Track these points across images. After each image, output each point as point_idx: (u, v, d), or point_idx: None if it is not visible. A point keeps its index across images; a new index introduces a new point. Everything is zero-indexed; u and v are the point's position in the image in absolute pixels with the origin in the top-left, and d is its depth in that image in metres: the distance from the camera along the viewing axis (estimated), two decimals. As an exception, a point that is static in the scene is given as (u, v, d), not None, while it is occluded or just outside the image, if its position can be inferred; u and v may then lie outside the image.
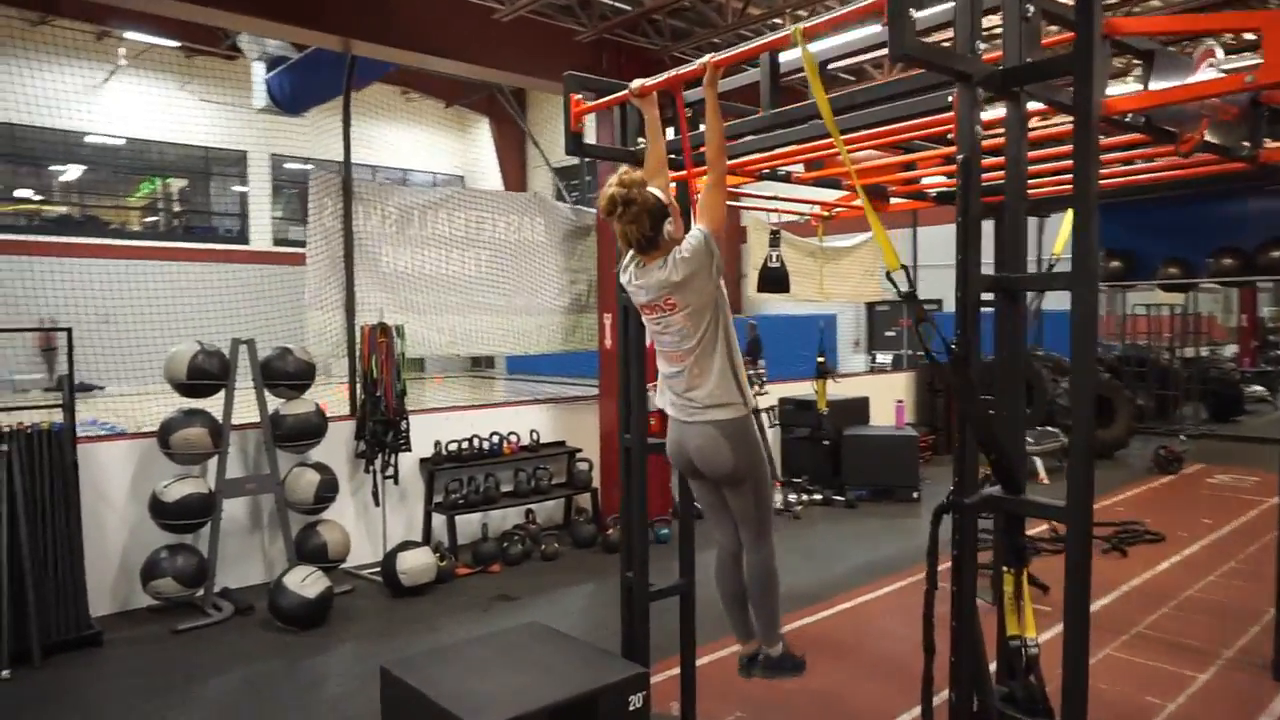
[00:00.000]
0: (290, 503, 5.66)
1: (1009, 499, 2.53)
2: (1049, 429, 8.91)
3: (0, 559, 4.50)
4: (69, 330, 5.06)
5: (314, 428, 5.72)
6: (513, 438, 6.93)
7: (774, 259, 5.18)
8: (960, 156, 2.48)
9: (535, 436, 7.12)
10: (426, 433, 6.55)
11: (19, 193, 21.11)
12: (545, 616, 5.01)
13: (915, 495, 8.03)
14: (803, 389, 8.80)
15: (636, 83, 3.11)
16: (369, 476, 6.13)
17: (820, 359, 7.58)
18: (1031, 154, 4.25)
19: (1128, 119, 3.09)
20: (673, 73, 3.00)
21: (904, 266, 2.46)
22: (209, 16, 6.33)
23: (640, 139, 3.42)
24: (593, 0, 6.42)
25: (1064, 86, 2.63)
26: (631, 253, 2.96)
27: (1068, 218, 5.35)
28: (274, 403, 5.71)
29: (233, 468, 5.57)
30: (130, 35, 18.21)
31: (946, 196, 4.70)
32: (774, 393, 8.70)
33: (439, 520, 6.50)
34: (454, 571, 5.97)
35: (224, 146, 21.88)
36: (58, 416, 4.91)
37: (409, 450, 6.22)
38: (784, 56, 3.31)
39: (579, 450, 7.34)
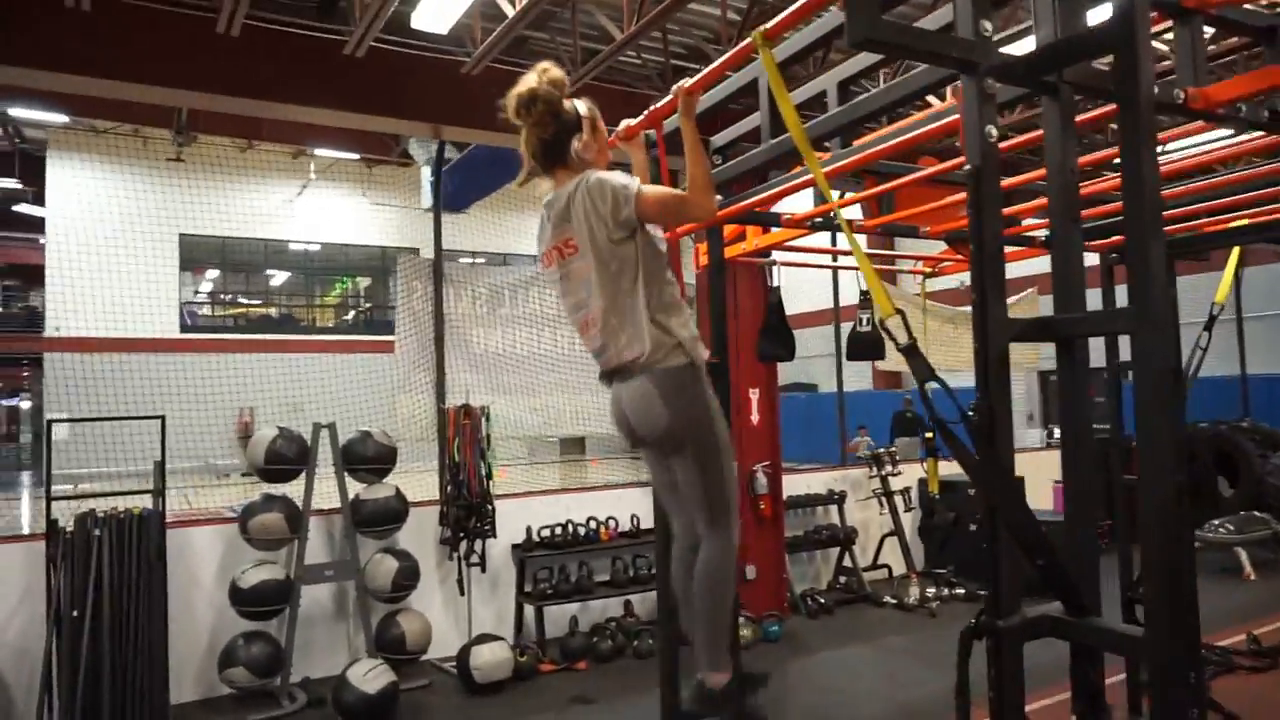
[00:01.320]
0: (370, 590, 5.52)
1: (1066, 621, 1.85)
2: (1256, 514, 7.45)
3: (80, 648, 4.57)
4: (162, 418, 5.24)
5: (393, 513, 5.59)
6: (610, 523, 6.53)
7: (863, 322, 4.57)
8: (968, 167, 1.93)
9: (636, 522, 6.68)
10: (519, 517, 6.28)
11: (227, 297, 23.68)
12: (615, 727, 4.52)
13: (1080, 592, 6.82)
14: (945, 468, 7.84)
15: (623, 124, 2.78)
16: (455, 564, 5.91)
17: (929, 435, 6.68)
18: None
19: (1241, 113, 2.40)
20: (652, 108, 2.65)
21: (899, 312, 1.92)
22: (331, 119, 6.71)
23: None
24: (665, 64, 6.21)
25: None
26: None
27: (1232, 258, 4.41)
28: (355, 487, 5.65)
29: (316, 553, 5.52)
30: (319, 152, 20.17)
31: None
32: (909, 473, 7.83)
33: (531, 611, 6.16)
34: (536, 668, 5.58)
35: (399, 245, 23.57)
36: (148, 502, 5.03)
37: (494, 536, 5.96)
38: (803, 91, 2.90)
39: (684, 537, 6.79)
